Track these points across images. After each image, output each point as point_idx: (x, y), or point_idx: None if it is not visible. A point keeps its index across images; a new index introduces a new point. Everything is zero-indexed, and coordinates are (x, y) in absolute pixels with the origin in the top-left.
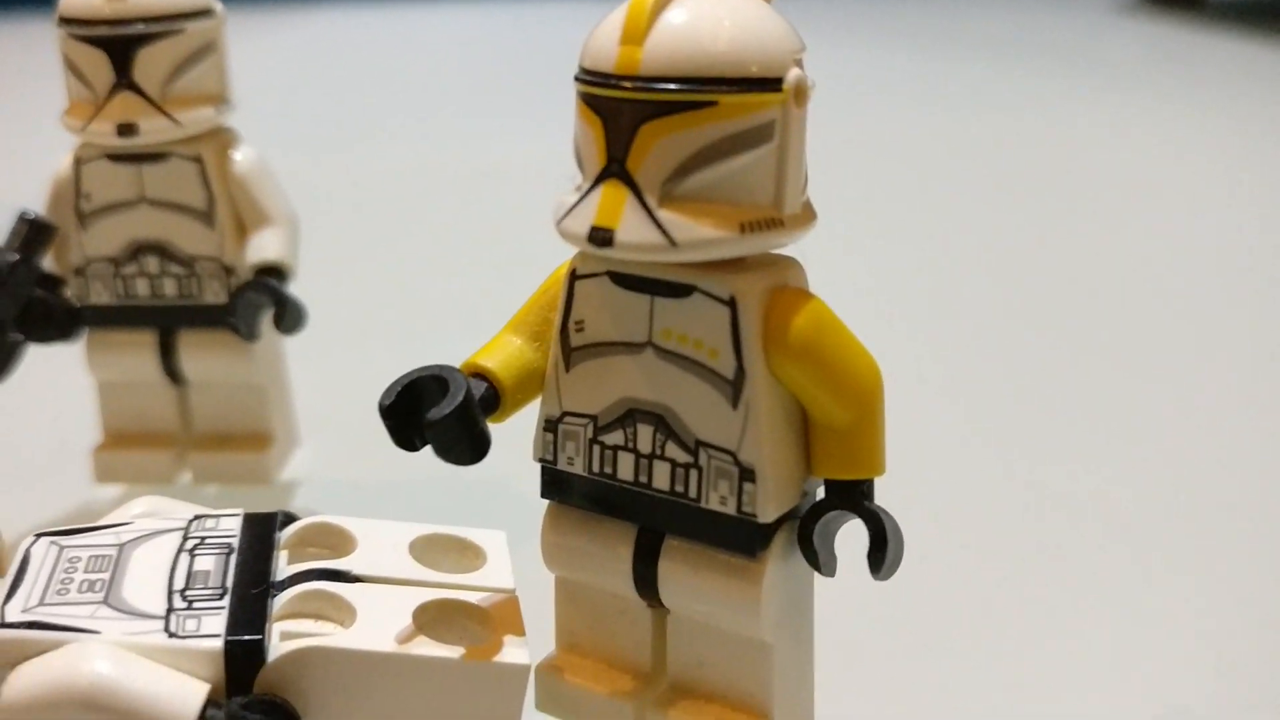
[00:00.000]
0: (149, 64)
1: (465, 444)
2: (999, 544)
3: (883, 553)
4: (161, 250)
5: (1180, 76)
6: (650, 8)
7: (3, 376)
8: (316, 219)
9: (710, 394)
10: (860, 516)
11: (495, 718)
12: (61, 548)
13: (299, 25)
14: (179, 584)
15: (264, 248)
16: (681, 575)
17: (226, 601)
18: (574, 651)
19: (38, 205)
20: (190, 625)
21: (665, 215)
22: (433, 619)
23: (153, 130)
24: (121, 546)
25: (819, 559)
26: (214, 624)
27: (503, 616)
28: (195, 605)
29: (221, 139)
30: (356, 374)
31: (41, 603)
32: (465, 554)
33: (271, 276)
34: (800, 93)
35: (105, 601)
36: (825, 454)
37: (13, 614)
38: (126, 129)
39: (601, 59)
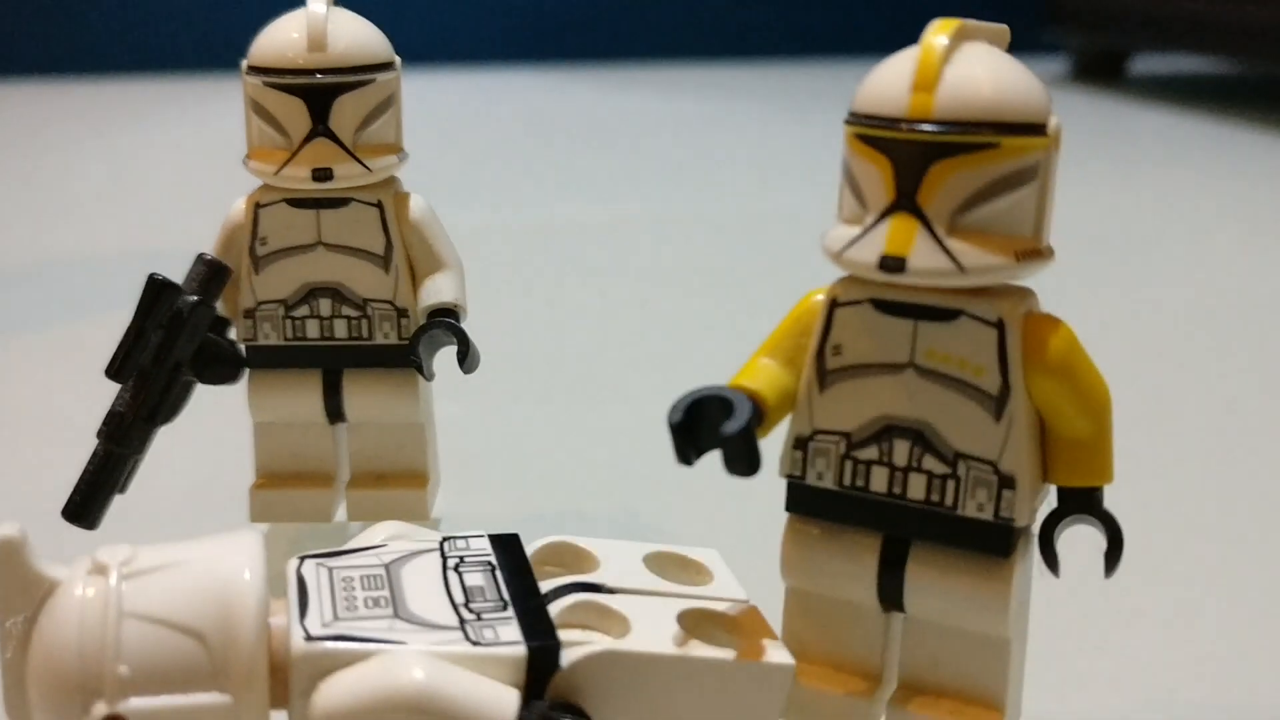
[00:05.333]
0: (343, 113)
1: (753, 457)
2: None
3: (1119, 552)
4: (335, 293)
5: (1106, 145)
6: (939, 61)
7: (174, 417)
8: None
9: (973, 409)
10: (1100, 520)
11: (758, 714)
12: (330, 569)
13: None
14: (459, 598)
15: (441, 290)
16: (931, 579)
17: (511, 612)
18: (801, 658)
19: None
20: (488, 634)
21: (954, 244)
22: (689, 626)
23: (346, 176)
24: (387, 566)
25: (1056, 560)
26: (510, 632)
27: (750, 623)
28: (484, 616)
29: (394, 186)
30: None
31: (337, 618)
32: (689, 569)
33: (448, 318)
34: (1058, 137)
35: (396, 615)
36: (1065, 463)
37: (315, 628)
38: (322, 174)
39: (890, 105)
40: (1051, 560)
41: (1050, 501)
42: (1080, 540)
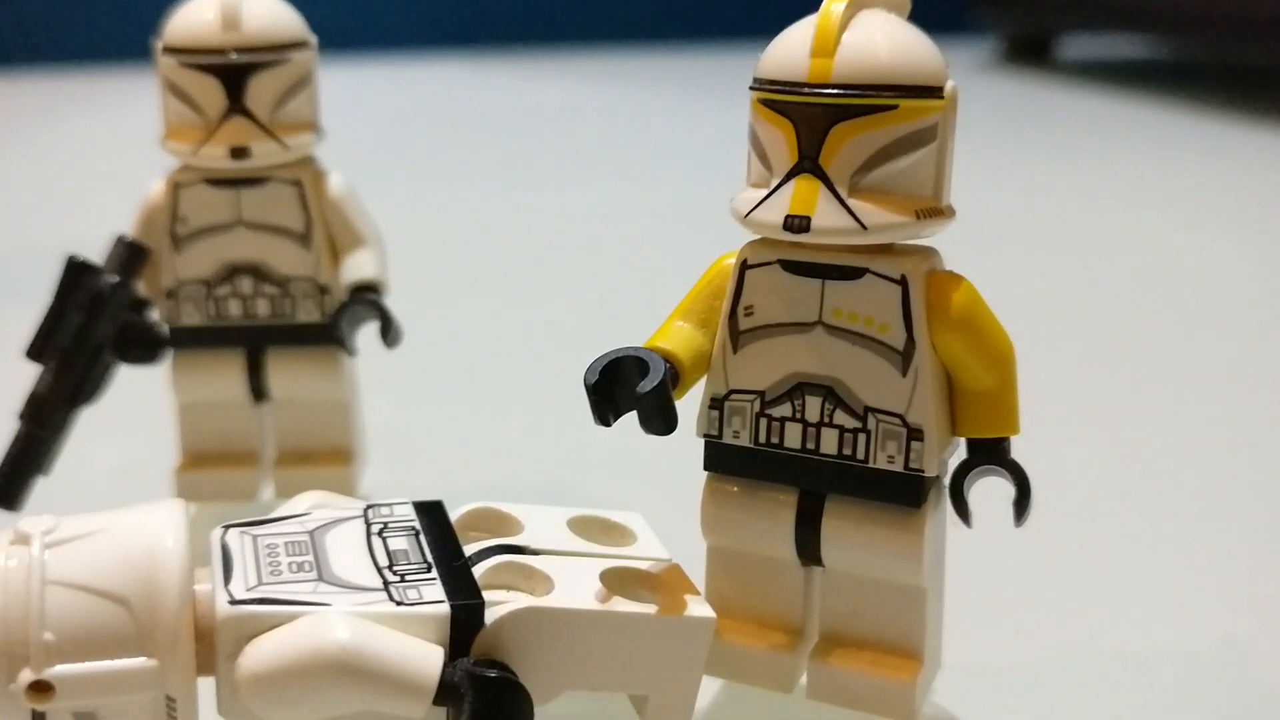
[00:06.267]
0: (260, 91)
1: (668, 415)
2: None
3: (1027, 501)
4: (256, 271)
5: (1034, 127)
6: (837, 27)
7: (95, 398)
8: None
9: (880, 364)
10: (1007, 470)
11: (681, 667)
12: (254, 536)
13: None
14: (383, 561)
15: (361, 267)
16: (846, 532)
17: (435, 574)
18: (725, 615)
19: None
20: (412, 595)
21: (855, 203)
22: (611, 585)
23: (264, 154)
24: (311, 533)
25: (967, 510)
26: (434, 592)
27: (672, 581)
28: (408, 578)
29: (312, 165)
30: (391, 397)
31: (261, 582)
32: (612, 532)
33: (369, 293)
34: (954, 100)
35: (321, 579)
36: (972, 416)
37: (239, 592)
38: (239, 152)
39: (791, 70)
40: (962, 510)
41: (960, 454)
42: (998, 493)
